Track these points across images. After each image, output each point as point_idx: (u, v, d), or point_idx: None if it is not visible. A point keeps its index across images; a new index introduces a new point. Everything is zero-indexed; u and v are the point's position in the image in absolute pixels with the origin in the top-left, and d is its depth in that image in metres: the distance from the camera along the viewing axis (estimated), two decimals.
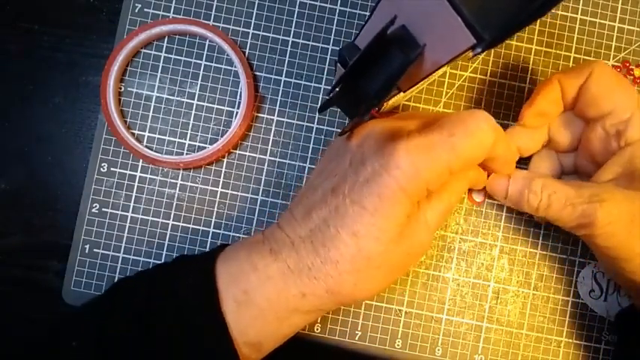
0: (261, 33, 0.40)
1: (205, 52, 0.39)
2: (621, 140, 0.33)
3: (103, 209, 0.39)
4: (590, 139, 0.34)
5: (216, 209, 0.39)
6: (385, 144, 0.29)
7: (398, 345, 0.39)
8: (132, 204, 0.39)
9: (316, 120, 0.40)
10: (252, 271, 0.30)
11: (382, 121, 0.32)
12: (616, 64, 0.40)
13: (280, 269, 0.30)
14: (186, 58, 0.39)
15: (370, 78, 0.27)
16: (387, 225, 0.29)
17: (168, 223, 0.39)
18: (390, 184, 0.28)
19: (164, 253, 0.39)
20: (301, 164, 0.39)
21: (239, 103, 0.39)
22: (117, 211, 0.39)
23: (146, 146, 0.39)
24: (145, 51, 0.39)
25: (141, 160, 0.39)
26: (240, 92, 0.39)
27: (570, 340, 0.39)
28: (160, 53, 0.39)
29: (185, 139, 0.39)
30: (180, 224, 0.39)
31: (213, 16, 0.39)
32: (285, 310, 0.30)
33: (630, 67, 0.40)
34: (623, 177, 0.32)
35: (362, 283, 0.30)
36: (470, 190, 0.39)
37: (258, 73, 0.40)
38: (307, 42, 0.40)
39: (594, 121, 0.34)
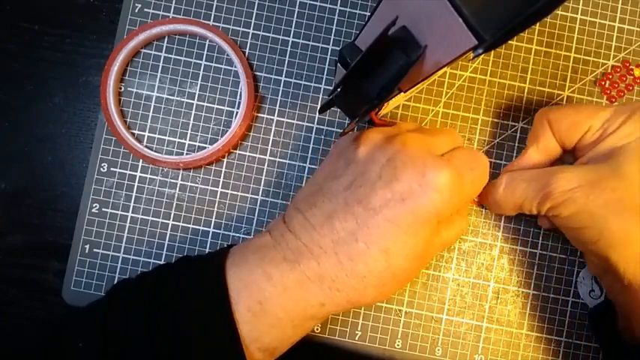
0: (261, 33, 0.40)
1: (205, 52, 0.39)
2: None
3: (103, 209, 0.39)
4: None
5: (216, 209, 0.39)
6: (424, 164, 0.30)
7: (398, 345, 0.39)
8: (132, 204, 0.39)
9: (316, 120, 0.40)
10: (266, 281, 0.29)
11: (412, 136, 0.32)
12: (616, 64, 0.40)
13: (298, 280, 0.29)
14: (186, 58, 0.39)
15: (372, 79, 0.27)
16: (417, 243, 0.30)
17: (168, 223, 0.39)
18: (428, 206, 0.29)
19: (164, 253, 0.39)
20: (301, 164, 0.39)
21: (239, 103, 0.39)
22: (117, 211, 0.39)
23: (146, 146, 0.39)
24: (145, 51, 0.39)
25: (141, 160, 0.39)
26: (240, 92, 0.39)
27: (570, 340, 0.39)
28: (160, 53, 0.39)
29: (185, 139, 0.39)
30: (180, 224, 0.39)
31: (213, 16, 0.39)
32: (302, 319, 0.30)
33: (630, 67, 0.40)
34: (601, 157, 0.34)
35: (381, 295, 0.31)
36: None
37: (258, 73, 0.40)
38: (307, 42, 0.40)
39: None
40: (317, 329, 0.39)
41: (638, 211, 0.30)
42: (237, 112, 0.39)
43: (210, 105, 0.39)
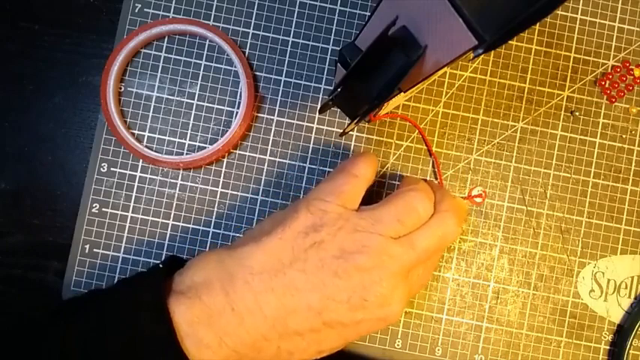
0: (261, 33, 0.40)
1: (205, 52, 0.39)
2: None
3: (103, 209, 0.39)
4: None
5: (216, 209, 0.39)
6: (391, 302, 0.30)
7: (398, 345, 0.39)
8: (132, 204, 0.39)
9: (316, 120, 0.40)
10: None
11: (394, 259, 0.31)
12: (616, 64, 0.40)
13: (227, 358, 0.30)
14: (186, 58, 0.39)
15: (372, 79, 0.27)
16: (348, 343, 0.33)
17: (168, 223, 0.39)
18: (376, 329, 0.32)
19: (164, 253, 0.39)
20: (301, 164, 0.39)
21: (239, 103, 0.39)
22: (117, 211, 0.39)
23: (146, 146, 0.39)
24: (145, 51, 0.39)
25: (141, 160, 0.39)
26: (240, 92, 0.39)
27: (570, 340, 0.39)
28: (160, 53, 0.39)
29: (185, 139, 0.39)
30: (180, 224, 0.39)
31: (213, 16, 0.39)
32: None
33: (630, 67, 0.40)
34: None
35: None
36: (470, 190, 0.39)
37: (258, 73, 0.40)
38: (307, 42, 0.40)
39: None
40: None
41: None
42: (237, 112, 0.39)
43: (210, 105, 0.39)
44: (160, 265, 0.33)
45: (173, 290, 0.30)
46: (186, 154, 0.39)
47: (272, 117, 0.40)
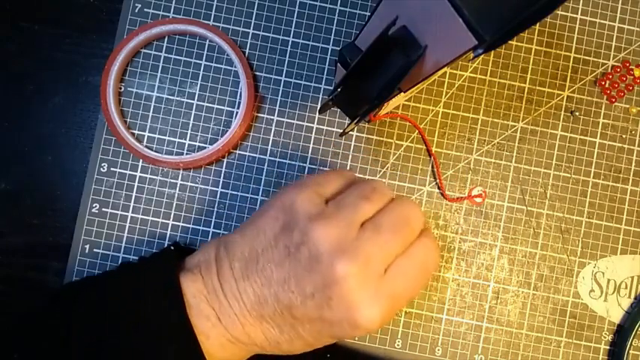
0: (261, 33, 0.40)
1: (205, 52, 0.39)
2: None
3: (103, 209, 0.39)
4: None
5: (216, 209, 0.39)
6: (359, 308, 0.29)
7: (398, 345, 0.39)
8: (132, 204, 0.39)
9: (316, 120, 0.40)
10: (205, 339, 0.30)
11: (365, 256, 0.29)
12: (616, 64, 0.40)
13: (229, 340, 0.31)
14: (186, 58, 0.39)
15: (372, 79, 0.27)
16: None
17: (168, 223, 0.39)
18: (352, 336, 0.30)
19: None
20: (301, 164, 0.39)
21: (239, 103, 0.39)
22: (117, 211, 0.39)
23: (146, 146, 0.39)
24: (145, 51, 0.39)
25: (141, 160, 0.39)
26: (240, 92, 0.39)
27: (570, 340, 0.39)
28: (160, 53, 0.39)
29: (185, 139, 0.39)
30: (180, 224, 0.39)
31: (213, 16, 0.39)
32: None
33: (630, 67, 0.40)
34: None
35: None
36: (470, 190, 0.39)
37: (258, 73, 0.40)
38: (307, 42, 0.40)
39: None
40: None
41: None
42: (237, 112, 0.39)
43: (210, 105, 0.39)
44: (172, 247, 0.35)
45: (183, 268, 0.32)
46: (186, 154, 0.39)
47: (272, 117, 0.40)
